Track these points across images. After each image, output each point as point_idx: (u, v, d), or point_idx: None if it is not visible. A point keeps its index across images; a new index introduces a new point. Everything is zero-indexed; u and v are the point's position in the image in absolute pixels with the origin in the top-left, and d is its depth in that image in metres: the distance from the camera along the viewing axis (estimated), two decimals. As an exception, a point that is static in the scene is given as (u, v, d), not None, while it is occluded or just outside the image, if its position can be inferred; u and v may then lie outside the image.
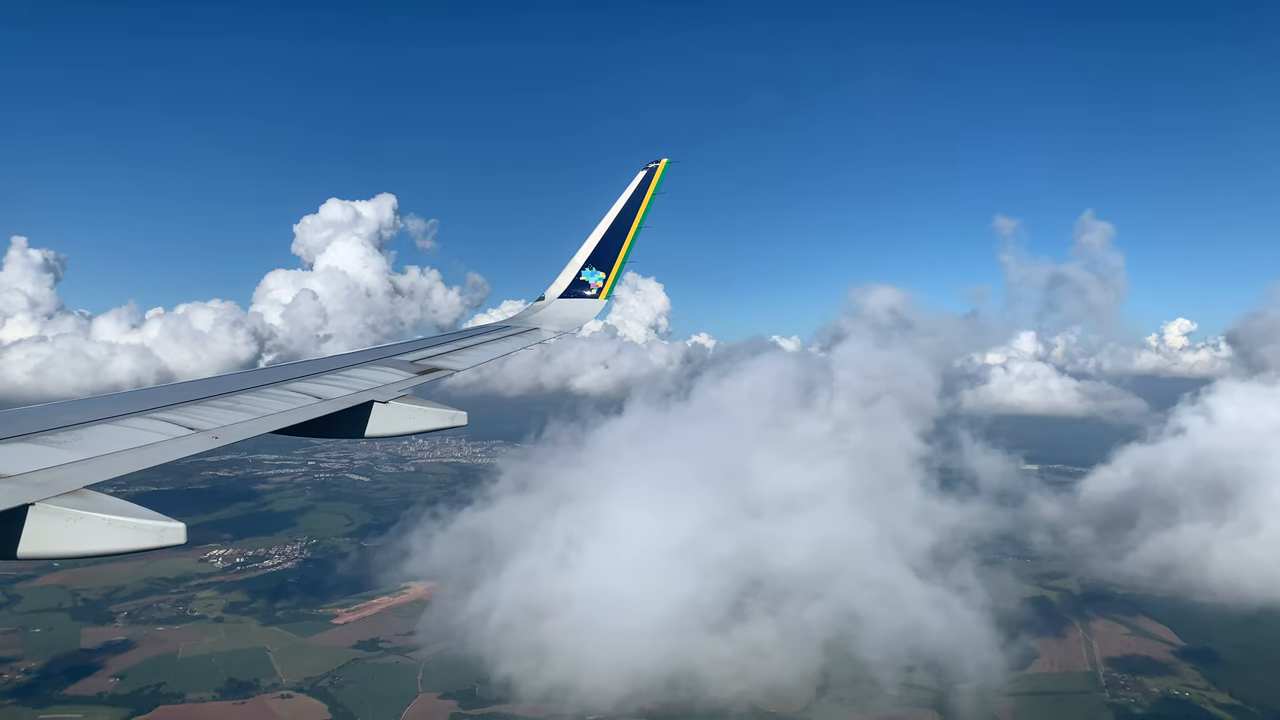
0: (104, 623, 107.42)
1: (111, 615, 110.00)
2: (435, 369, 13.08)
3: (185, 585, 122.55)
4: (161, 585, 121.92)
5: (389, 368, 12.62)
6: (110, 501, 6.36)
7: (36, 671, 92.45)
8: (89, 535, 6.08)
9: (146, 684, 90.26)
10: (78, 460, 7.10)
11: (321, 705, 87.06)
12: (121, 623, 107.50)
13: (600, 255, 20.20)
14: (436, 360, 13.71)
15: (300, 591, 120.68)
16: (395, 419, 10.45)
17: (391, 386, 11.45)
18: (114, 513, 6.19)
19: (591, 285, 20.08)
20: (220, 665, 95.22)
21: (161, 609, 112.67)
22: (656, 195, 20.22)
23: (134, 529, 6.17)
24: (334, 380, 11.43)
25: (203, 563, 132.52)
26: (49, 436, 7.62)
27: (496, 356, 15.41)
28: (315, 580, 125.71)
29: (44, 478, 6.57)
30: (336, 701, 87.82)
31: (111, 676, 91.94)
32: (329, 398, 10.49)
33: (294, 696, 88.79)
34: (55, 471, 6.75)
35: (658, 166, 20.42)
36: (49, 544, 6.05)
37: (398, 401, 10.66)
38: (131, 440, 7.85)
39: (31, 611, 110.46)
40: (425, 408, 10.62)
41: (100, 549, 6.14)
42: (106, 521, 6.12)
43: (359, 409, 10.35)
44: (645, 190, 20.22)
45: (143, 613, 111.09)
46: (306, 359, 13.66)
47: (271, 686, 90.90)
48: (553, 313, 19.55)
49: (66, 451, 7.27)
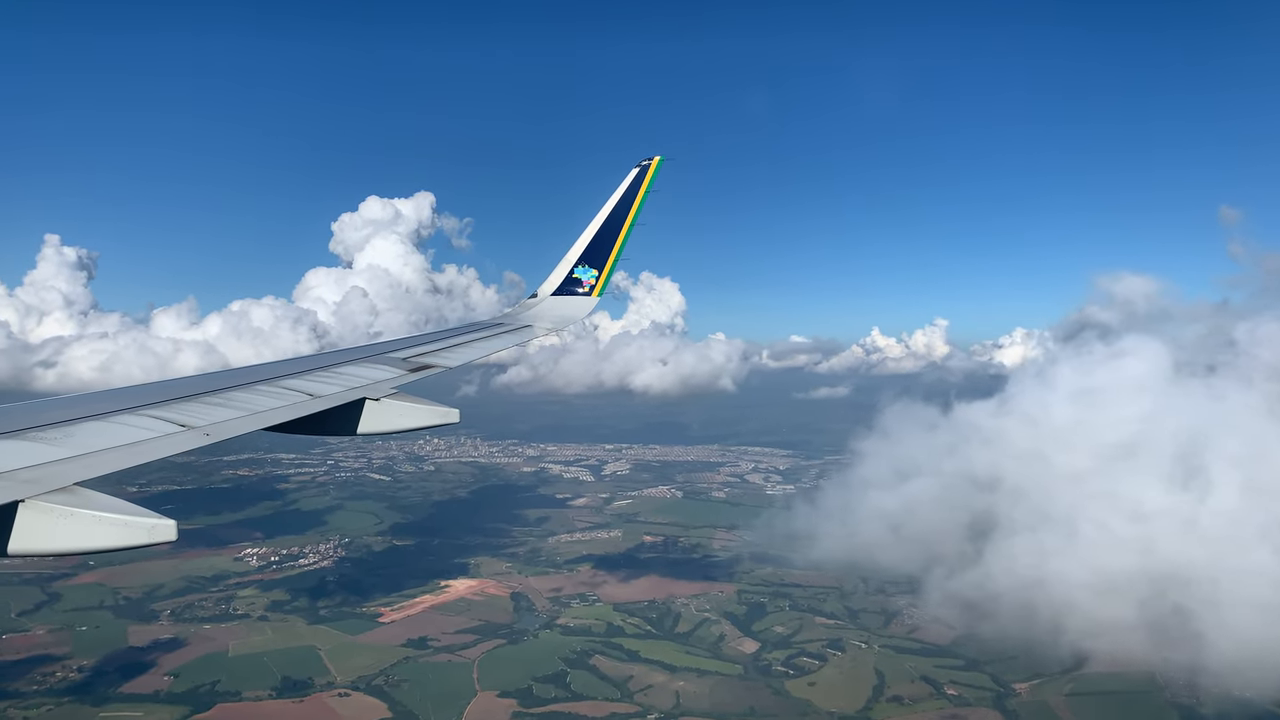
0: (148, 621, 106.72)
1: (155, 613, 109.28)
2: (427, 366, 13.10)
3: (224, 584, 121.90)
4: (200, 584, 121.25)
5: (380, 365, 12.62)
6: (100, 498, 6.35)
7: (90, 669, 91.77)
8: (79, 532, 6.06)
9: (201, 682, 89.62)
10: (68, 457, 7.09)
11: (380, 704, 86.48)
12: (166, 621, 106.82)
13: (593, 253, 20.19)
14: (428, 357, 13.78)
15: (341, 590, 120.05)
16: (387, 416, 10.42)
17: (383, 384, 11.46)
18: (104, 509, 6.19)
19: (584, 283, 20.14)
20: (272, 663, 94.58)
21: (204, 607, 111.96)
22: (649, 193, 20.19)
23: (124, 526, 6.18)
24: (326, 377, 11.42)
25: (238, 561, 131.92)
26: (39, 433, 7.61)
27: (488, 354, 15.49)
28: (354, 579, 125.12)
29: (34, 474, 6.55)
30: (394, 700, 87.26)
31: (165, 674, 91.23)
32: (321, 395, 10.45)
33: (351, 695, 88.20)
34: (45, 468, 6.74)
35: (650, 164, 20.34)
36: (39, 541, 6.02)
37: (389, 399, 10.61)
38: (122, 437, 7.85)
39: (73, 610, 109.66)
40: (417, 405, 10.60)
41: (91, 546, 6.13)
42: (97, 518, 6.12)
43: (351, 406, 10.34)
44: (638, 188, 20.19)
45: (185, 611, 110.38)
46: (299, 356, 13.61)
47: (326, 685, 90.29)
48: (545, 310, 19.63)
49: (56, 448, 7.25)
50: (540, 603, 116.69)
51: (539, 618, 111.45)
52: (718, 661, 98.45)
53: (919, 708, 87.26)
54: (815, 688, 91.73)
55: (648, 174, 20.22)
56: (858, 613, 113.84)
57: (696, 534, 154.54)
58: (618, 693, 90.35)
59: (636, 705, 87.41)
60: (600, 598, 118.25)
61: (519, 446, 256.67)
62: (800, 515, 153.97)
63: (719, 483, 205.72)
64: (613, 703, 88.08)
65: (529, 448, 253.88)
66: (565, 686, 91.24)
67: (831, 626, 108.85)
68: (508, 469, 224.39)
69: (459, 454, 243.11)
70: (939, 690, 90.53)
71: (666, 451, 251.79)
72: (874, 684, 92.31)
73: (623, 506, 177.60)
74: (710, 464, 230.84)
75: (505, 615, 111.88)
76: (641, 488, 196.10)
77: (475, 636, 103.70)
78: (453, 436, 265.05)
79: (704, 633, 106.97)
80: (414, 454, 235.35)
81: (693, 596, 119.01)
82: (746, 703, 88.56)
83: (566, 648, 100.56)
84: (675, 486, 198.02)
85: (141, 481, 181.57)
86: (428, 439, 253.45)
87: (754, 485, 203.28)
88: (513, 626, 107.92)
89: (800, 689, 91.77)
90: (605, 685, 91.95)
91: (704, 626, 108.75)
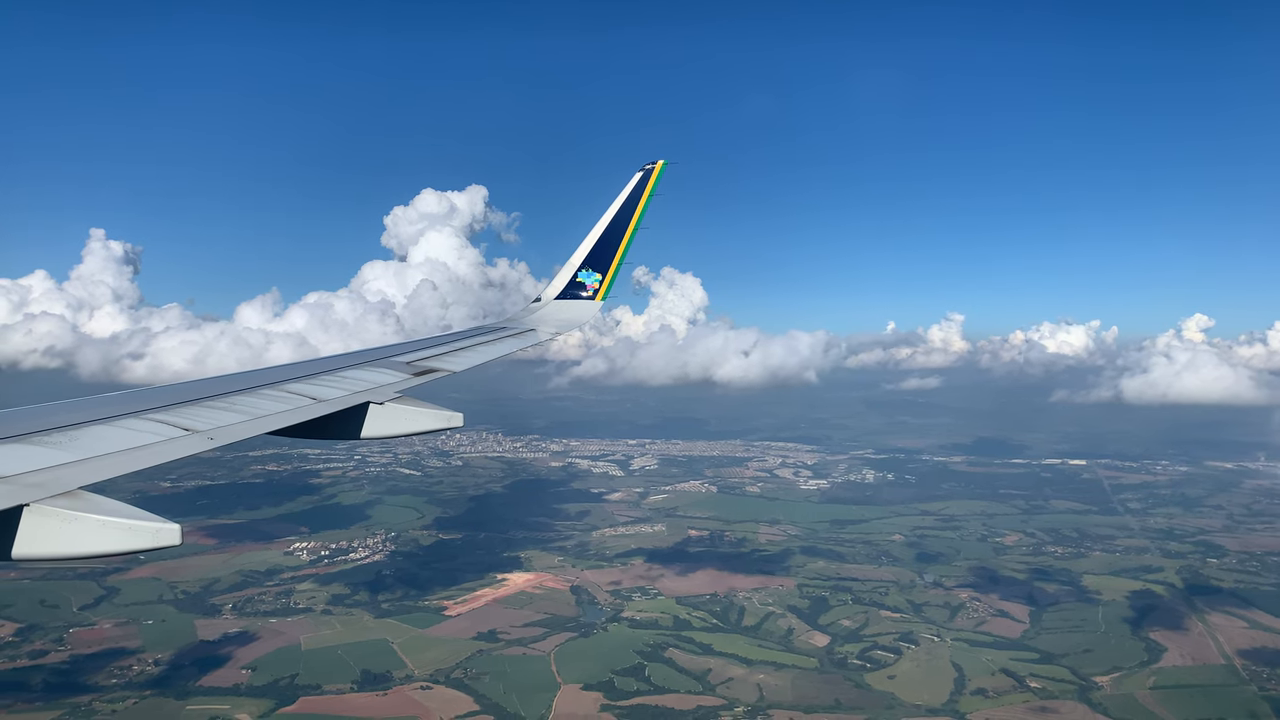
0: (212, 615, 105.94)
1: (217, 608, 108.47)
2: (431, 370, 13.13)
3: (278, 578, 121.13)
4: (255, 578, 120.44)
5: (385, 369, 12.66)
6: (105, 502, 6.35)
7: (165, 663, 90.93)
8: (84, 536, 6.08)
9: (280, 675, 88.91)
10: (72, 461, 7.13)
11: (464, 696, 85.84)
12: (230, 615, 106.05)
13: (597, 257, 20.12)
14: (433, 361, 13.86)
15: (398, 584, 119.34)
16: (392, 420, 10.43)
17: (387, 388, 11.49)
18: (108, 514, 6.17)
19: (588, 287, 20.10)
20: (347, 656, 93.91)
21: (264, 601, 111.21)
22: (653, 197, 20.04)
23: (129, 530, 6.16)
24: (330, 381, 11.44)
25: (288, 555, 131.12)
26: (43, 437, 7.66)
27: (492, 358, 15.51)
28: (410, 573, 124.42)
29: (38, 478, 6.58)
30: (477, 692, 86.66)
31: (241, 668, 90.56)
32: (325, 399, 10.46)
33: (433, 688, 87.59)
34: (50, 472, 6.77)
35: (654, 168, 20.20)
36: (44, 545, 6.04)
37: (394, 403, 10.63)
38: (126, 441, 7.88)
39: (133, 604, 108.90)
40: (422, 409, 10.56)
41: (95, 550, 6.13)
42: (101, 522, 6.12)
43: (355, 410, 10.34)
44: (641, 192, 20.06)
45: (247, 605, 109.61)
46: (303, 360, 13.68)
47: (405, 678, 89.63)
48: (549, 314, 19.60)
49: (61, 452, 7.30)
50: (601, 596, 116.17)
51: (603, 611, 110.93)
52: (792, 655, 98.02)
53: (1004, 701, 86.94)
54: (895, 681, 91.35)
55: (651, 177, 20.09)
56: (921, 606, 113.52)
57: (740, 528, 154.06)
58: (698, 685, 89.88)
59: (721, 698, 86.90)
60: (660, 591, 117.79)
61: (541, 441, 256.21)
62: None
63: (749, 478, 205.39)
64: (696, 695, 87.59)
65: (552, 443, 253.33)
66: (645, 679, 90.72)
67: (898, 620, 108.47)
68: (535, 464, 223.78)
69: (483, 449, 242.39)
70: (1021, 683, 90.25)
71: (689, 447, 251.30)
72: (954, 677, 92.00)
73: (659, 501, 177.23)
74: (736, 459, 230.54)
75: (569, 609, 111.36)
76: (674, 482, 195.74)
77: (544, 630, 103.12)
78: (474, 432, 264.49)
79: (771, 626, 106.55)
80: (438, 449, 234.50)
81: (753, 590, 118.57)
82: (830, 695, 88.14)
83: (638, 641, 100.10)
84: (707, 481, 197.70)
85: (173, 477, 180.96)
86: (450, 435, 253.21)
87: (785, 480, 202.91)
88: (579, 620, 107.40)
89: (880, 682, 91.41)
90: (684, 678, 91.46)
91: (770, 620, 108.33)
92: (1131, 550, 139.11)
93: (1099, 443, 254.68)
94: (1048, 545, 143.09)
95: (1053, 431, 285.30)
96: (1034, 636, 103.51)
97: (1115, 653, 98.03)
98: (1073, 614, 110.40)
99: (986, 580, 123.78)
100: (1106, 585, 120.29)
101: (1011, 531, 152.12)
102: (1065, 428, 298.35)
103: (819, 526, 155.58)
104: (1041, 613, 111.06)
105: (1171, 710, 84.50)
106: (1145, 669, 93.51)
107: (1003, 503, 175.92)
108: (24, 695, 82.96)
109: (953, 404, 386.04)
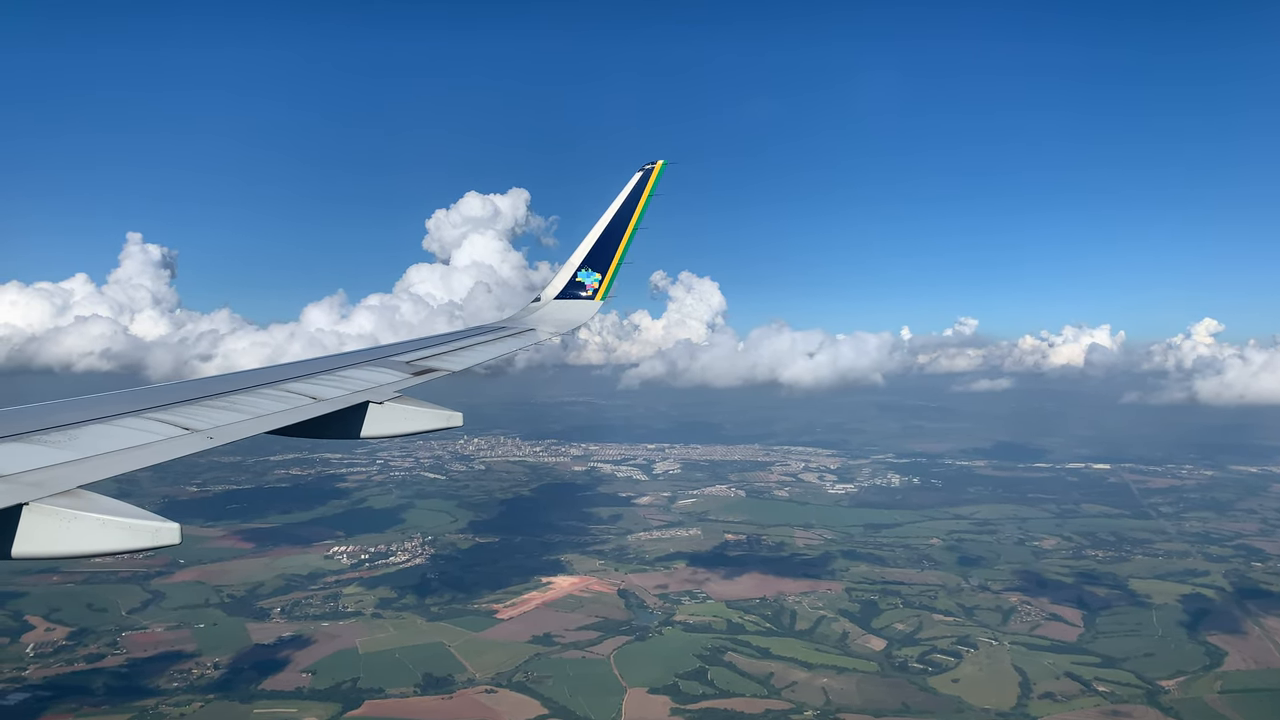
0: (262, 619, 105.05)
1: (265, 611, 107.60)
2: (431, 370, 13.18)
3: (322, 581, 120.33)
4: (299, 581, 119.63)
5: (384, 368, 12.69)
6: (104, 501, 6.37)
7: (225, 666, 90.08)
8: (83, 535, 6.08)
9: (341, 679, 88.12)
10: (72, 460, 7.14)
11: (530, 700, 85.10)
12: (280, 619, 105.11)
13: (596, 257, 20.18)
14: (432, 361, 13.89)
15: (445, 587, 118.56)
16: (391, 420, 10.44)
17: (387, 387, 11.53)
18: (108, 513, 6.18)
19: (588, 286, 20.17)
20: (406, 660, 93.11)
21: (312, 605, 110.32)
22: (653, 197, 20.11)
23: (128, 529, 6.16)
24: (329, 381, 11.47)
25: (328, 559, 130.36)
26: (43, 436, 7.66)
27: (492, 357, 15.58)
28: (454, 576, 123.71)
29: (38, 477, 6.59)
30: (543, 696, 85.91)
31: (301, 671, 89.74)
32: (324, 398, 10.51)
33: (498, 691, 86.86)
34: (49, 471, 6.79)
35: (654, 168, 20.23)
36: (43, 544, 6.04)
37: (393, 402, 10.66)
38: (126, 440, 7.90)
39: (181, 608, 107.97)
40: (421, 408, 10.59)
41: (95, 549, 6.15)
42: (101, 521, 6.11)
43: (354, 409, 10.37)
44: (641, 192, 20.12)
45: (295, 609, 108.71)
46: (303, 359, 13.66)
47: (467, 681, 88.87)
48: (549, 314, 19.63)
49: (60, 451, 7.31)
50: (650, 600, 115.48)
51: (654, 615, 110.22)
52: (851, 659, 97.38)
53: (1075, 705, 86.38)
54: (960, 684, 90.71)
55: (651, 178, 20.12)
56: (973, 610, 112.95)
57: (775, 532, 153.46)
58: (763, 690, 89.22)
59: (788, 702, 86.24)
60: (709, 595, 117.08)
61: (560, 446, 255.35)
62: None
63: (775, 482, 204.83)
64: (762, 699, 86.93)
65: (571, 447, 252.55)
66: (709, 683, 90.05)
67: (951, 624, 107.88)
68: (558, 468, 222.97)
69: (503, 453, 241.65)
70: (1088, 687, 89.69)
71: (709, 451, 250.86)
72: (1018, 681, 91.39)
73: (689, 505, 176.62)
74: (758, 463, 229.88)
75: (620, 612, 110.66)
76: (700, 486, 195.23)
77: (599, 633, 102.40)
78: (493, 436, 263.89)
79: (826, 630, 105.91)
80: (459, 453, 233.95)
81: (802, 594, 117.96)
82: (896, 699, 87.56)
83: (696, 644, 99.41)
84: (734, 486, 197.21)
85: (199, 482, 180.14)
86: (468, 438, 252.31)
87: (812, 484, 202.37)
88: (632, 623, 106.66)
89: (945, 685, 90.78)
90: (748, 682, 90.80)
91: (824, 624, 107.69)
92: (1174, 554, 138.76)
93: (1120, 447, 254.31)
94: (1087, 549, 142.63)
95: (1069, 435, 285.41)
96: (1091, 640, 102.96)
97: (1176, 657, 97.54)
98: (1126, 618, 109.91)
99: (1033, 584, 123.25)
100: (1155, 589, 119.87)
101: (1047, 535, 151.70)
102: (1081, 431, 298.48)
103: (853, 530, 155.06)
104: (1095, 617, 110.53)
105: (1243, 714, 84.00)
106: (1210, 673, 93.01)
107: (1033, 506, 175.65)
108: (88, 699, 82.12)
109: (966, 409, 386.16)
